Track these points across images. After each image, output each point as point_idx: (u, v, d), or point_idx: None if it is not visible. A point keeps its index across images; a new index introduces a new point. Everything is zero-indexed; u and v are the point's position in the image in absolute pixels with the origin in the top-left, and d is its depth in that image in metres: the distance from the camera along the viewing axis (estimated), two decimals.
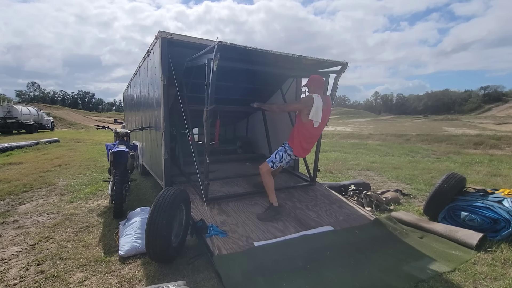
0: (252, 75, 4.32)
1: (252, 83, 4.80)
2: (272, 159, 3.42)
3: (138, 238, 2.81)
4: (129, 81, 7.42)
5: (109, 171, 4.27)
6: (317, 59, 3.35)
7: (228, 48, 2.85)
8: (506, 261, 2.64)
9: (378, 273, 2.40)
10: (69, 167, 7.25)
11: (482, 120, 40.90)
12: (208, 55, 3.03)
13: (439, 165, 7.82)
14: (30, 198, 4.65)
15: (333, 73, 3.65)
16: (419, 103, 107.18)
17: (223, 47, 2.79)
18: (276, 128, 5.29)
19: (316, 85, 3.25)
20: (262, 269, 2.35)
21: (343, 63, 3.47)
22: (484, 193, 3.49)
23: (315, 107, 3.09)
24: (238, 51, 3.02)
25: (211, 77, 2.92)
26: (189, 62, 3.68)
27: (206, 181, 3.32)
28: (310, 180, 4.34)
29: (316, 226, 3.09)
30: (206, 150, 3.16)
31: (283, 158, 3.37)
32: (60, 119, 36.04)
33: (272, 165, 3.40)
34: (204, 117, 3.07)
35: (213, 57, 2.79)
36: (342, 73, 3.57)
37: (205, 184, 3.33)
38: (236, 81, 4.57)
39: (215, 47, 2.76)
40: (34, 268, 2.55)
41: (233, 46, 2.83)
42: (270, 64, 3.58)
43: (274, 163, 3.40)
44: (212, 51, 2.84)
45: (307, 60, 3.35)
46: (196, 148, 3.64)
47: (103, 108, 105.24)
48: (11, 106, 21.51)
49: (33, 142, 11.90)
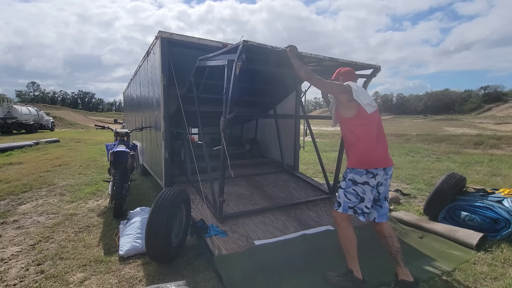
0: (266, 76, 4.00)
1: (266, 84, 4.35)
2: (343, 202, 2.25)
3: (138, 238, 2.81)
4: (129, 81, 7.42)
5: (109, 171, 4.28)
6: (349, 62, 3.04)
7: (254, 49, 2.52)
8: (506, 261, 2.64)
9: (378, 273, 2.40)
10: (69, 167, 7.25)
11: (482, 120, 40.91)
12: (228, 55, 2.72)
13: (439, 165, 7.82)
14: (30, 198, 4.65)
15: (362, 77, 3.23)
16: (419, 103, 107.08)
17: (248, 47, 2.45)
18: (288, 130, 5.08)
19: (348, 78, 2.44)
20: (262, 269, 2.35)
21: (376, 67, 3.11)
22: (484, 193, 3.49)
23: (356, 90, 2.24)
24: (263, 52, 2.67)
25: (232, 81, 2.59)
26: (202, 61, 3.39)
27: (221, 198, 2.92)
28: (329, 192, 3.89)
29: (316, 226, 3.09)
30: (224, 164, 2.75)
31: (361, 192, 2.18)
32: (60, 119, 36.06)
33: (349, 210, 2.22)
34: (221, 126, 2.68)
35: (236, 58, 2.47)
36: (373, 77, 3.19)
37: (219, 201, 2.94)
38: (249, 82, 4.15)
39: (239, 47, 2.44)
40: (34, 268, 2.55)
41: (260, 46, 2.49)
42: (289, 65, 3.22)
43: (353, 207, 2.21)
44: (235, 51, 2.53)
45: (338, 62, 2.99)
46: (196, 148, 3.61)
47: (103, 108, 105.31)
48: (11, 106, 21.52)
49: (33, 142, 11.90)
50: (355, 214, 2.22)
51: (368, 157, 2.18)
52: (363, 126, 2.22)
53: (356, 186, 2.19)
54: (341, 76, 2.48)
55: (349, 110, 2.25)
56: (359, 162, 2.19)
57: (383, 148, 2.25)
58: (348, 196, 2.22)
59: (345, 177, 2.29)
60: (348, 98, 2.22)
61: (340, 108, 2.32)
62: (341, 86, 2.27)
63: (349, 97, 2.21)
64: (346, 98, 2.23)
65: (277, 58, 2.98)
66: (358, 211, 2.21)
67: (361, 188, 2.18)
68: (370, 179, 2.15)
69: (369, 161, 2.17)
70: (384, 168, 2.20)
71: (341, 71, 2.53)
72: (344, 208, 2.23)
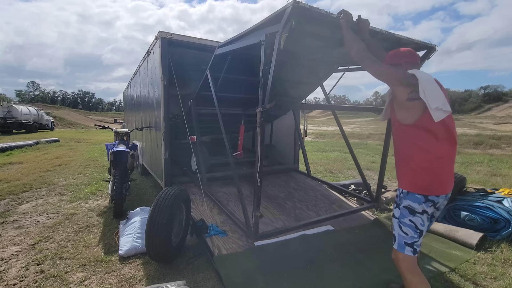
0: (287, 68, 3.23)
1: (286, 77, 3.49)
2: (398, 237, 1.75)
3: (138, 238, 2.81)
4: (129, 80, 7.42)
5: (109, 171, 4.28)
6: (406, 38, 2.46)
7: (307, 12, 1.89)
8: (506, 261, 2.64)
9: (378, 273, 2.40)
10: (69, 167, 7.24)
11: (482, 119, 40.90)
12: (266, 28, 2.13)
13: None
14: (30, 198, 4.65)
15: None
16: None
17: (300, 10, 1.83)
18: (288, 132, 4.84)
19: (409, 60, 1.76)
20: (262, 269, 2.35)
21: (430, 46, 2.57)
22: (484, 193, 3.49)
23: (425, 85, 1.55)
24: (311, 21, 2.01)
25: (274, 59, 2.02)
26: (222, 48, 2.88)
27: (258, 213, 2.34)
28: (372, 199, 3.50)
29: (316, 226, 3.09)
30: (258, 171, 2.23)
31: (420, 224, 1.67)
32: (60, 118, 36.05)
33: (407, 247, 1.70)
34: (257, 121, 2.14)
35: (282, 27, 1.89)
36: (426, 59, 2.68)
37: (254, 216, 2.37)
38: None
39: (286, 11, 1.85)
40: (34, 268, 2.55)
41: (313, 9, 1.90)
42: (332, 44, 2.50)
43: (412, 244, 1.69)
44: (278, 19, 1.94)
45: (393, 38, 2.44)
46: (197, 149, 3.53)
47: (103, 108, 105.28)
48: (11, 106, 21.56)
49: (33, 141, 11.89)
50: (415, 254, 1.68)
51: (430, 180, 1.61)
52: (427, 136, 1.59)
53: (414, 216, 1.65)
54: (403, 60, 1.74)
55: (408, 114, 1.63)
56: (417, 185, 1.63)
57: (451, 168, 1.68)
58: (404, 228, 1.70)
59: (398, 203, 1.76)
60: (409, 95, 1.58)
61: (397, 106, 1.71)
62: (404, 76, 1.60)
63: (410, 94, 1.57)
64: (406, 95, 1.58)
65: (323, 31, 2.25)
66: (417, 249, 1.69)
67: (419, 219, 1.65)
68: (429, 207, 1.63)
69: (431, 185, 1.61)
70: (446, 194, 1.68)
71: (401, 53, 1.80)
72: (400, 245, 1.72)
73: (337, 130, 23.34)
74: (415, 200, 1.64)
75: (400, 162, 1.76)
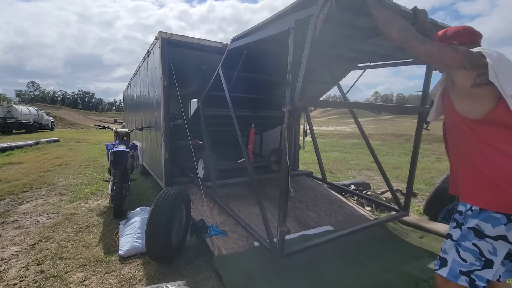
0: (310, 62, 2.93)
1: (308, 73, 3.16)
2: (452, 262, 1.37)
3: (138, 238, 2.81)
4: (129, 81, 7.43)
5: (109, 171, 4.28)
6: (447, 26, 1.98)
7: None
8: None
9: (379, 273, 2.40)
10: (69, 167, 7.25)
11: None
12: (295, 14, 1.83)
13: (439, 165, 7.82)
14: (30, 198, 4.65)
15: None
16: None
17: None
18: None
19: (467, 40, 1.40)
20: (262, 269, 2.35)
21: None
22: None
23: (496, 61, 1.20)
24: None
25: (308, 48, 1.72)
26: (238, 41, 2.54)
27: (285, 228, 2.03)
28: (400, 208, 3.24)
29: (316, 226, 3.09)
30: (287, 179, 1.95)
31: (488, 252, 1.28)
32: (60, 119, 36.05)
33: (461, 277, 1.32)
34: (285, 122, 1.86)
35: (320, 9, 1.58)
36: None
37: (280, 231, 2.06)
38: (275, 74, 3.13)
39: None
40: (34, 268, 2.55)
41: None
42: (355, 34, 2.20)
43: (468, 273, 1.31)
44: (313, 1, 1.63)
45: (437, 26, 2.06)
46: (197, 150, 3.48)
47: (103, 108, 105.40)
48: (11, 106, 21.57)
49: (33, 142, 11.89)
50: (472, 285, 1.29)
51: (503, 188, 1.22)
52: (508, 134, 1.24)
53: (481, 241, 1.28)
54: (456, 40, 1.38)
55: (474, 104, 1.28)
56: (498, 201, 1.24)
57: None
58: (462, 254, 1.33)
59: (460, 223, 1.38)
60: (475, 79, 1.21)
61: (457, 96, 1.34)
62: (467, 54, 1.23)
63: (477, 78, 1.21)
64: (471, 79, 1.23)
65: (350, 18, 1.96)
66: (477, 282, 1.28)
67: (490, 245, 1.26)
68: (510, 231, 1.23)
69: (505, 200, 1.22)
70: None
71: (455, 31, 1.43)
72: (453, 273, 1.34)
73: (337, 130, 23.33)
74: (490, 221, 1.25)
75: (468, 170, 1.36)
